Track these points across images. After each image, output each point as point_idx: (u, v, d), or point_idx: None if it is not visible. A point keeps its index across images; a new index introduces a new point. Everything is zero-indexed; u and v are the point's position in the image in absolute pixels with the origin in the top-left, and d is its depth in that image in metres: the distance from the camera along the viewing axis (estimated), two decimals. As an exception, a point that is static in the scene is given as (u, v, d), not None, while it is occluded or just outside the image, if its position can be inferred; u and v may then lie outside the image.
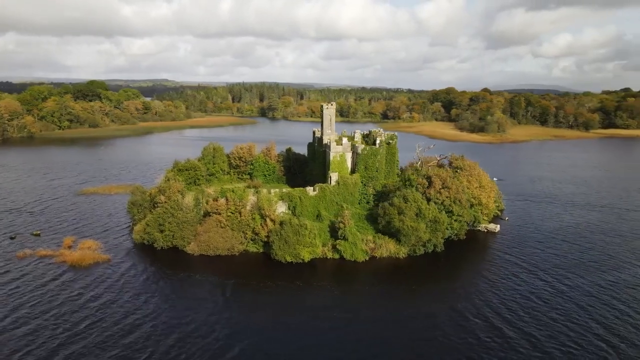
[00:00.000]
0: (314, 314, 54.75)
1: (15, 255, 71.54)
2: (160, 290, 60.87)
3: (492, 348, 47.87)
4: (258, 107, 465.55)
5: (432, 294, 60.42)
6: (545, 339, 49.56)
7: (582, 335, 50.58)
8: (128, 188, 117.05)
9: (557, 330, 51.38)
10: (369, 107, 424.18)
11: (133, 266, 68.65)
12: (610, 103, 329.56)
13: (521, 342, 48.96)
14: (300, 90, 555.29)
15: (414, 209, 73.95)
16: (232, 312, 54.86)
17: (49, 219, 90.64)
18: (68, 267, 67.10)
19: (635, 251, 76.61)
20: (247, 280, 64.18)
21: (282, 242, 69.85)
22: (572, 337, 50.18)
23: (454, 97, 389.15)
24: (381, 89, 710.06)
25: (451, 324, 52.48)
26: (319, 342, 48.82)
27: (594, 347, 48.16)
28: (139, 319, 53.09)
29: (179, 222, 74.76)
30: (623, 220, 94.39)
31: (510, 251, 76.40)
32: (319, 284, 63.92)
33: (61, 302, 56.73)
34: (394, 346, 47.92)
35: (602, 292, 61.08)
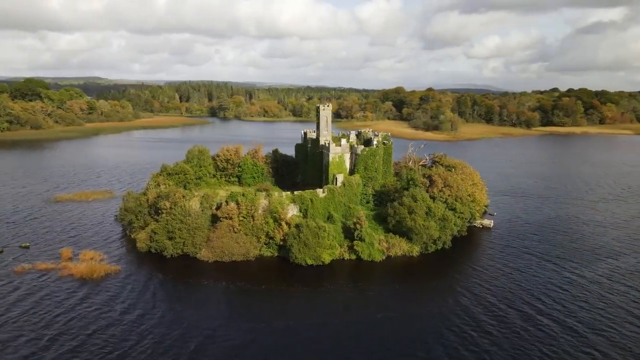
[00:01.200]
0: (340, 315, 55.14)
1: (12, 270, 66.30)
2: (185, 299, 58.91)
3: (529, 338, 50.65)
4: (207, 106, 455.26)
5: (454, 289, 62.55)
6: (586, 327, 53.04)
7: (614, 318, 54.68)
8: (106, 194, 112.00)
9: (594, 318, 55.09)
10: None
11: (148, 276, 65.79)
12: (547, 102, 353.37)
13: (562, 333, 52.14)
14: (249, 89, 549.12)
15: (424, 208, 76.28)
16: (256, 318, 53.98)
17: (34, 229, 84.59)
18: (78, 281, 63.14)
19: (620, 239, 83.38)
20: (267, 284, 63.43)
21: (302, 245, 69.65)
22: (608, 322, 54.12)
23: (404, 96, 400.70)
24: (328, 88, 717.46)
25: (483, 318, 54.87)
26: (351, 344, 49.47)
27: (626, 330, 52.22)
28: (178, 330, 51.12)
29: (190, 229, 72.45)
30: (596, 211, 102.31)
31: (511, 244, 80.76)
32: (341, 285, 64.38)
33: (94, 318, 53.37)
34: (433, 344, 49.54)
35: (613, 277, 66.22)
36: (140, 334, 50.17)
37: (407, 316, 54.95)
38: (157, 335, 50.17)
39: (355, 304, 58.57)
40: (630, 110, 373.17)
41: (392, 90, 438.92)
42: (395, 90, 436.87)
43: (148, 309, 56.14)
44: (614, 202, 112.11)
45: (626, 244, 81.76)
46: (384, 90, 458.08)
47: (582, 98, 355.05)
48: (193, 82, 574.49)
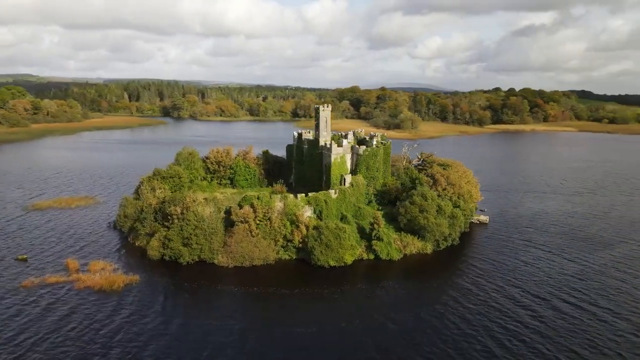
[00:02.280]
0: (369, 316, 55.90)
1: (20, 285, 61.78)
2: (216, 306, 57.53)
3: (569, 326, 53.69)
4: (159, 106, 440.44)
5: (479, 284, 64.70)
6: (610, 313, 56.77)
7: (636, 303, 58.90)
8: (88, 200, 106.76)
9: (618, 305, 58.96)
10: (278, 105, 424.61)
11: (169, 284, 63.49)
12: (497, 101, 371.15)
13: (586, 320, 55.49)
14: (201, 88, 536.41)
15: (435, 206, 78.46)
16: (289, 323, 53.68)
17: (25, 240, 79.11)
18: (99, 293, 59.84)
19: (607, 229, 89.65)
20: (291, 288, 62.82)
21: (323, 247, 69.67)
22: (630, 307, 58.15)
23: (361, 95, 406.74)
24: (278, 87, 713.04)
25: (520, 312, 57.47)
26: (384, 344, 50.59)
27: (638, 316, 56.46)
28: (219, 338, 49.81)
29: (206, 234, 70.52)
30: (575, 204, 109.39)
31: (512, 237, 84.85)
32: (365, 285, 64.96)
33: (138, 331, 50.83)
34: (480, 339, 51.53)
35: (618, 266, 71.25)
36: (193, 344, 48.47)
37: (438, 314, 56.35)
38: (213, 344, 48.64)
39: (383, 303, 59.29)
40: (569, 109, 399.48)
41: (348, 89, 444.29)
42: (350, 89, 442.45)
43: (185, 317, 54.29)
44: (587, 195, 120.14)
45: (613, 233, 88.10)
46: (339, 89, 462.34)
47: (527, 97, 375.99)
48: (142, 81, 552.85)
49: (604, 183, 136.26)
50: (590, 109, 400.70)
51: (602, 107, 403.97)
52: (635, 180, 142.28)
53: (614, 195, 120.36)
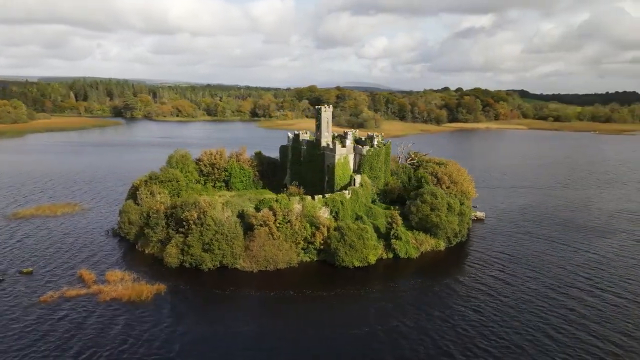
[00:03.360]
0: (402, 315, 57.12)
1: (38, 300, 57.81)
2: (253, 312, 56.64)
3: (586, 316, 57.25)
4: (110, 106, 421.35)
5: (499, 278, 67.44)
6: (631, 296, 60.99)
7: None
8: (74, 207, 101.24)
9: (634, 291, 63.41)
10: (236, 105, 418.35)
11: (199, 292, 61.61)
12: (452, 101, 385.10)
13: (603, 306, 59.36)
14: (153, 88, 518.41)
15: (445, 204, 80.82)
16: (321, 326, 53.75)
17: (23, 251, 73.88)
18: (129, 304, 57.10)
19: (599, 220, 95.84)
20: (320, 290, 62.53)
21: (347, 247, 70.04)
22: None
23: (320, 94, 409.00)
24: (227, 87, 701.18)
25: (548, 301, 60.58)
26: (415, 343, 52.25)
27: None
28: (270, 344, 49.22)
29: (228, 239, 68.97)
30: (558, 197, 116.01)
31: (513, 230, 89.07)
32: (392, 284, 65.86)
33: (190, 341, 48.95)
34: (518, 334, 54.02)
35: (622, 253, 76.56)
36: (249, 351, 47.48)
37: (476, 309, 58.35)
38: (267, 350, 47.86)
39: (414, 300, 60.44)
40: (516, 107, 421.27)
41: (306, 88, 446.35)
42: (308, 88, 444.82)
43: (227, 325, 52.93)
44: (562, 189, 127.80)
45: (601, 223, 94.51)
46: (297, 88, 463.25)
47: (480, 96, 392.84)
48: (79, 79, 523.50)
49: (573, 178, 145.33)
50: (535, 107, 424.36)
51: (545, 106, 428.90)
52: (597, 174, 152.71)
53: (586, 189, 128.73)
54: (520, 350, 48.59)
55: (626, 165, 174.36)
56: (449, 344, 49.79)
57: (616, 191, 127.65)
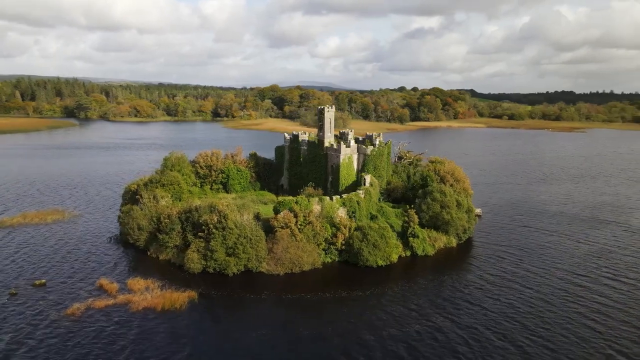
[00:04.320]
0: (439, 314, 58.90)
1: (64, 313, 54.56)
2: (290, 315, 55.86)
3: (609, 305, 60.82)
4: (60, 106, 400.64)
5: (517, 272, 70.26)
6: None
7: None
8: (63, 214, 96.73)
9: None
10: (197, 105, 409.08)
11: (233, 298, 60.22)
12: (413, 100, 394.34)
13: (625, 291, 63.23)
14: (105, 87, 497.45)
15: (454, 202, 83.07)
16: (363, 327, 54.35)
17: (27, 262, 69.37)
18: (165, 313, 54.96)
19: (586, 212, 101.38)
20: (349, 291, 62.71)
21: (371, 247, 70.58)
22: (638, 283, 66.98)
23: (283, 94, 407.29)
24: (176, 85, 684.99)
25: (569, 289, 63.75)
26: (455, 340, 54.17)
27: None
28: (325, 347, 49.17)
29: (252, 242, 67.80)
30: (539, 192, 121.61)
31: (513, 225, 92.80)
32: (422, 280, 66.90)
33: (251, 350, 47.77)
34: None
35: (620, 243, 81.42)
36: (309, 355, 47.07)
37: (507, 302, 60.58)
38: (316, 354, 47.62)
39: (448, 296, 61.91)
40: (472, 106, 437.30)
41: (268, 88, 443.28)
42: (270, 88, 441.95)
43: (273, 328, 52.18)
44: (540, 184, 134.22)
45: (589, 215, 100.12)
46: (258, 88, 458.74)
47: (439, 96, 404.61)
48: (33, 78, 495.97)
49: (546, 173, 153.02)
50: (490, 106, 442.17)
51: (499, 105, 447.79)
52: (567, 169, 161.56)
53: (561, 184, 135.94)
54: (565, 339, 50.90)
55: (589, 160, 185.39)
56: (498, 336, 51.40)
57: (589, 185, 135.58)
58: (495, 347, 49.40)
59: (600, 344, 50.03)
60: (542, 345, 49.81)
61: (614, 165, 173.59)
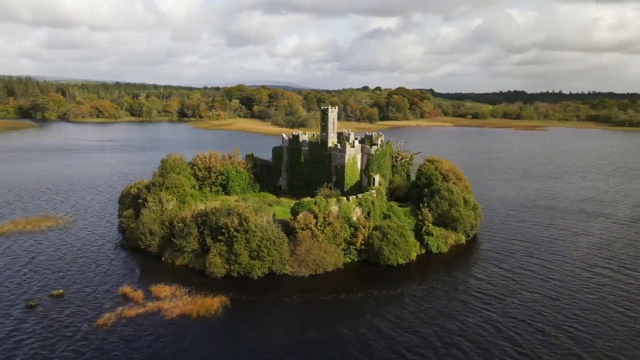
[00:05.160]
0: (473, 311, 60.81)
1: (95, 324, 52.15)
2: (325, 317, 55.89)
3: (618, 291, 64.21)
4: (14, 106, 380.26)
5: (534, 265, 72.95)
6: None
7: None
8: (57, 220, 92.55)
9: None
10: (162, 104, 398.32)
11: (265, 301, 59.42)
12: (381, 100, 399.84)
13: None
14: (61, 86, 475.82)
15: (461, 199, 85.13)
16: (401, 325, 55.49)
17: (37, 273, 65.74)
18: (202, 320, 53.59)
19: (574, 206, 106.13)
20: (376, 290, 63.22)
21: (391, 246, 71.30)
22: None
23: (251, 94, 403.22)
24: (131, 85, 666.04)
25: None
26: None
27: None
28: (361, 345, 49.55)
29: (276, 245, 67.05)
30: (524, 188, 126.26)
31: (510, 220, 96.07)
32: (446, 277, 68.14)
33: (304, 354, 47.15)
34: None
35: (620, 233, 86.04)
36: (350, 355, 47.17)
37: (530, 291, 62.83)
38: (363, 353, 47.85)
39: (475, 292, 63.48)
40: (437, 106, 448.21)
41: (234, 87, 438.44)
42: (237, 87, 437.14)
43: (315, 331, 51.96)
44: (522, 180, 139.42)
45: (578, 208, 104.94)
46: (225, 87, 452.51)
47: (405, 95, 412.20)
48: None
49: (525, 169, 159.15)
50: (454, 105, 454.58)
51: (462, 105, 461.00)
52: (542, 166, 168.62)
53: (543, 180, 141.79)
54: (597, 324, 53.36)
55: (560, 157, 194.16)
56: (540, 327, 53.25)
57: (568, 180, 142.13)
58: (543, 336, 51.13)
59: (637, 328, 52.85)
60: (582, 331, 51.97)
61: (584, 161, 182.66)
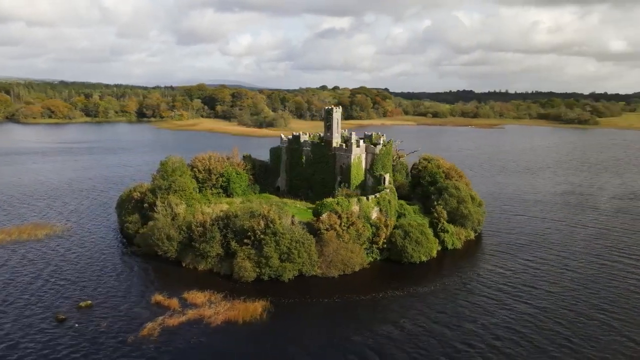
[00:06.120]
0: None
1: (140, 335, 49.85)
2: (372, 317, 56.38)
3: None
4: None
5: (548, 258, 76.31)
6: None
7: None
8: (53, 228, 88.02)
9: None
10: (119, 104, 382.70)
11: (305, 304, 58.94)
12: (345, 99, 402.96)
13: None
14: (6, 86, 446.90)
15: (468, 196, 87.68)
16: (444, 321, 57.19)
17: (55, 284, 61.95)
18: (249, 326, 52.37)
19: (561, 200, 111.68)
20: (406, 288, 64.07)
21: (414, 244, 72.46)
22: None
23: (213, 93, 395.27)
24: (78, 83, 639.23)
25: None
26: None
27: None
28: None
29: (305, 246, 66.53)
30: (506, 184, 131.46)
31: (508, 214, 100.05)
32: (471, 273, 70.03)
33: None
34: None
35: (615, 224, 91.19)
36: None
37: (552, 282, 65.80)
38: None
39: (508, 284, 66.00)
40: (398, 105, 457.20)
41: (195, 87, 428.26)
42: (198, 87, 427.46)
43: (355, 332, 52.21)
44: (504, 175, 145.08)
45: (563, 201, 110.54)
46: (185, 86, 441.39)
47: (368, 94, 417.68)
48: None
49: (499, 166, 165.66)
50: (414, 104, 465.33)
51: (422, 104, 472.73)
52: (516, 162, 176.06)
53: (519, 175, 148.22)
54: (624, 308, 56.69)
55: (527, 153, 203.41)
56: (577, 312, 55.85)
57: (543, 175, 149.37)
58: (583, 321, 53.65)
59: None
60: (612, 317, 55.05)
61: (551, 157, 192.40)
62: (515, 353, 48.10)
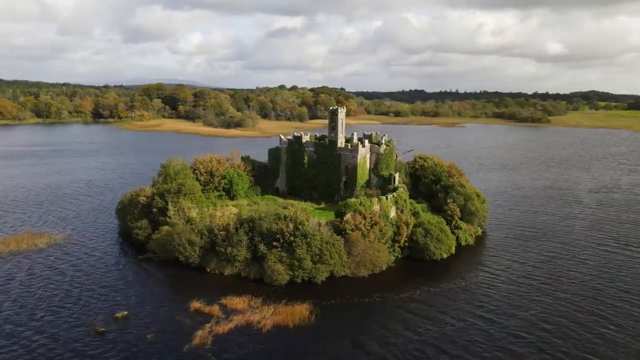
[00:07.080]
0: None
1: (192, 345, 48.00)
2: (400, 314, 57.10)
3: None
4: None
5: (555, 252, 79.86)
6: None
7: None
8: (53, 236, 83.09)
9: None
10: (72, 105, 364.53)
11: (344, 305, 58.70)
12: (309, 98, 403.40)
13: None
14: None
15: (474, 193, 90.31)
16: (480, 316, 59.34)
17: (82, 294, 58.52)
18: (301, 329, 51.69)
19: (546, 194, 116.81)
20: (435, 284, 65.53)
21: (435, 241, 73.88)
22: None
23: (174, 93, 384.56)
24: (19, 82, 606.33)
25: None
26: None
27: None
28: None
29: (336, 247, 66.34)
30: (489, 180, 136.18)
31: (504, 209, 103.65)
32: (489, 267, 72.34)
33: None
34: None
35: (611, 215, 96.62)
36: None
37: (573, 273, 69.25)
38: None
39: (532, 275, 68.71)
40: (360, 105, 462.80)
41: (154, 86, 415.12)
42: (156, 86, 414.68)
43: (409, 328, 52.88)
44: (483, 173, 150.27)
45: (548, 195, 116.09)
46: (144, 86, 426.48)
47: (332, 95, 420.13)
48: None
49: (475, 164, 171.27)
50: (375, 104, 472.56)
51: (383, 103, 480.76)
52: (494, 159, 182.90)
53: (501, 172, 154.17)
54: None
55: (497, 150, 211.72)
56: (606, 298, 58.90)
57: (521, 172, 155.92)
58: (616, 305, 56.69)
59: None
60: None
61: (519, 154, 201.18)
62: (566, 339, 50.20)
